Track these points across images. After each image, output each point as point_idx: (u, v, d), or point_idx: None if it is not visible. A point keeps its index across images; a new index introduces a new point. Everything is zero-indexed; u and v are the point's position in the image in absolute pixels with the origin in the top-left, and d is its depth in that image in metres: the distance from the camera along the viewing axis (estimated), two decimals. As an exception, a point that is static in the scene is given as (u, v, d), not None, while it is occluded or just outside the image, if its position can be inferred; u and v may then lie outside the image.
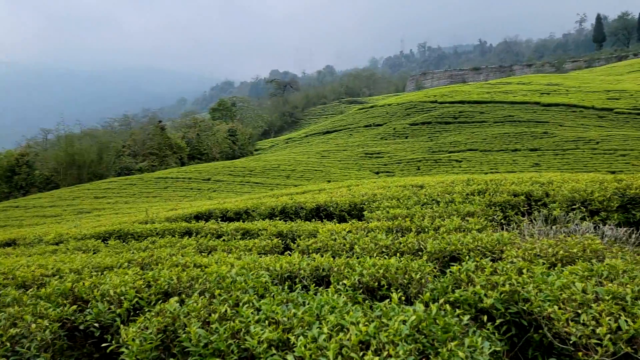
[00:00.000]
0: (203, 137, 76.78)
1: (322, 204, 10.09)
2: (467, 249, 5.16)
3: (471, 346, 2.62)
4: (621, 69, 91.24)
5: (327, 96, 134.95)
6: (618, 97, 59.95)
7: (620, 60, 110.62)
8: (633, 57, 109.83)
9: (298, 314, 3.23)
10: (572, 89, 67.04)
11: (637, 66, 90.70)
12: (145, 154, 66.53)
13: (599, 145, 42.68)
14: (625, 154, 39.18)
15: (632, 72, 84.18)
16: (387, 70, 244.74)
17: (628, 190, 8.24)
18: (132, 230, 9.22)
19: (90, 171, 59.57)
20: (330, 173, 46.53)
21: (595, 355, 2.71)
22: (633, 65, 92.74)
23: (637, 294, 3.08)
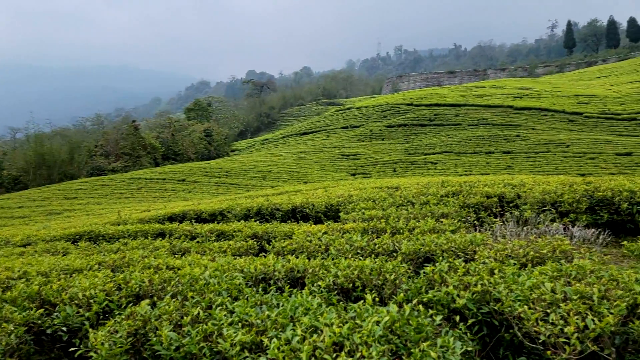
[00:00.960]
0: (178, 138, 75.78)
1: (298, 205, 10.06)
2: (440, 250, 5.22)
3: (443, 346, 2.65)
4: (590, 74, 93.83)
5: (304, 97, 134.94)
6: (587, 102, 61.61)
7: (590, 65, 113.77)
8: (602, 62, 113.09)
9: (272, 315, 3.21)
10: (543, 93, 68.61)
11: (605, 72, 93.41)
12: (118, 154, 65.30)
13: (569, 149, 43.77)
14: (595, 157, 40.27)
15: (601, 78, 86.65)
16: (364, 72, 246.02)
17: (596, 192, 8.46)
18: (103, 232, 9.03)
19: (60, 171, 58.14)
20: (307, 174, 46.50)
21: (563, 354, 2.77)
22: (602, 71, 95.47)
23: (604, 294, 3.16)
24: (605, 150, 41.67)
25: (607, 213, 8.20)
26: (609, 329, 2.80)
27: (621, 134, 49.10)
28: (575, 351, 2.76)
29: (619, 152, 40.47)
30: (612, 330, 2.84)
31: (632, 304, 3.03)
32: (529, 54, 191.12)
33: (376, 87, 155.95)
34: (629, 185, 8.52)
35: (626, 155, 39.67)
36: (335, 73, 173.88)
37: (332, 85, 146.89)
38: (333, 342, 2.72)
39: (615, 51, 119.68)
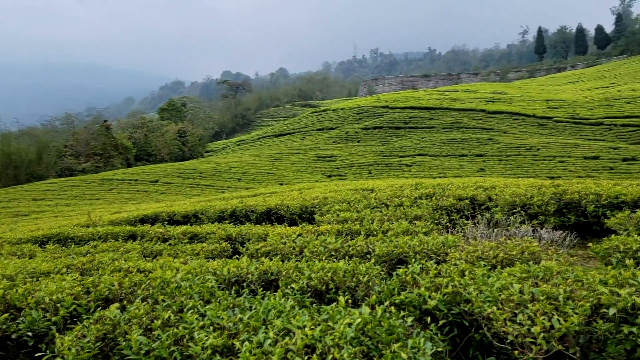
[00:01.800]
0: (151, 138, 74.59)
1: (273, 207, 10.03)
2: (413, 252, 5.28)
3: (414, 347, 2.68)
4: (560, 80, 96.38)
5: (280, 99, 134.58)
6: (557, 107, 63.27)
7: (559, 71, 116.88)
8: (570, 68, 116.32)
9: (244, 318, 3.19)
10: (515, 98, 70.12)
11: (574, 77, 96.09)
12: (89, 154, 63.88)
13: (539, 152, 44.83)
14: (564, 160, 41.35)
15: (570, 83, 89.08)
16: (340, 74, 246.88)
17: (564, 195, 8.69)
18: (72, 234, 8.82)
19: (28, 172, 56.52)
20: (283, 176, 46.38)
21: (530, 353, 2.83)
22: (571, 77, 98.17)
23: (569, 294, 3.24)
24: (573, 154, 42.83)
25: (574, 215, 8.43)
26: (574, 328, 2.88)
27: (589, 138, 50.55)
28: (541, 350, 2.83)
29: (586, 156, 41.65)
30: (577, 329, 2.92)
31: (596, 304, 3.12)
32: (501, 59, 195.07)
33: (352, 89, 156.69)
34: (595, 189, 8.78)
35: (593, 159, 40.86)
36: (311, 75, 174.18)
37: (308, 87, 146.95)
38: (305, 344, 2.72)
39: (583, 58, 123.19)
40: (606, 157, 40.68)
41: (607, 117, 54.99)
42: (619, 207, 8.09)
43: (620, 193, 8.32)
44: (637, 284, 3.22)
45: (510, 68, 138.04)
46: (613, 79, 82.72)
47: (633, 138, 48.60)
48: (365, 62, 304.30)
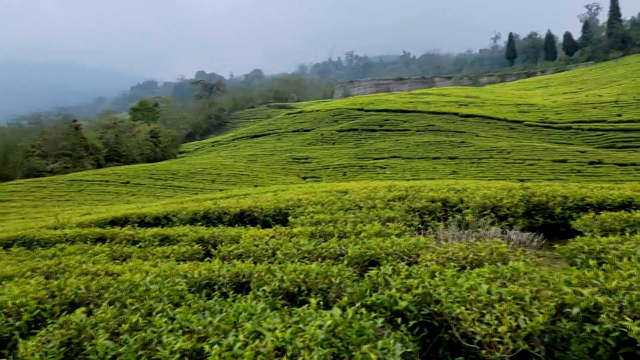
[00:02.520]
0: (122, 138, 73.17)
1: (247, 209, 9.97)
2: (385, 253, 5.32)
3: (384, 348, 2.69)
4: (530, 85, 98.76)
5: (255, 100, 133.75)
6: (527, 111, 64.76)
7: (529, 76, 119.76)
8: (540, 73, 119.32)
9: (214, 322, 3.15)
10: (487, 102, 71.50)
11: (544, 82, 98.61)
12: (58, 154, 62.27)
13: (510, 155, 45.81)
14: (533, 163, 42.38)
15: (540, 88, 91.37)
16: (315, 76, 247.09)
17: (532, 197, 8.90)
18: (38, 237, 8.58)
19: (-6, 172, 54.79)
20: (258, 178, 46.16)
21: (497, 352, 2.89)
22: (540, 81, 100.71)
23: (535, 294, 3.32)
24: (543, 157, 43.92)
25: (542, 217, 8.64)
26: (539, 327, 2.94)
27: (557, 141, 51.93)
28: (508, 350, 2.88)
29: (555, 159, 42.76)
30: (542, 329, 2.99)
31: (561, 303, 3.20)
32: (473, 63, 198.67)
33: (328, 91, 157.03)
34: (562, 191, 9.02)
35: (562, 162, 41.98)
36: (287, 76, 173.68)
37: (284, 89, 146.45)
38: (275, 347, 2.71)
39: (552, 63, 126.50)
40: (574, 161, 41.85)
41: (575, 121, 56.60)
42: (585, 209, 8.33)
43: (586, 196, 8.57)
44: (599, 284, 3.32)
45: (482, 72, 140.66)
46: (580, 85, 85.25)
47: (599, 142, 50.17)
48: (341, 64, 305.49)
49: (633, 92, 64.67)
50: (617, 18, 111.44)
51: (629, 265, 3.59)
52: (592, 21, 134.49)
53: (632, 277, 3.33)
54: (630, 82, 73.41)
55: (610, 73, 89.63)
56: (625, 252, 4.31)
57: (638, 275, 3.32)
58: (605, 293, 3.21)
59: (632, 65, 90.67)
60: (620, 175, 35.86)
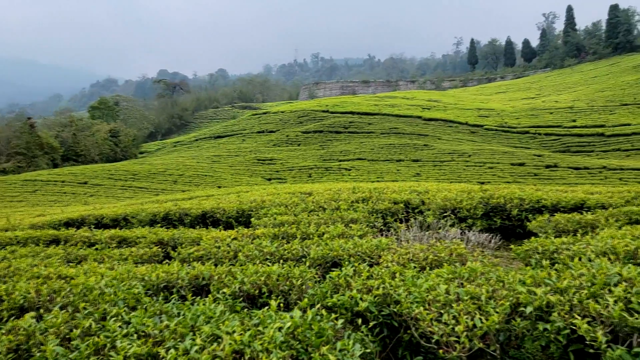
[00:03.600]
0: (80, 138, 70.83)
1: (209, 210, 9.82)
2: (348, 255, 5.33)
3: (343, 349, 2.69)
4: (490, 90, 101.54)
5: (219, 100, 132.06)
6: (487, 115, 66.58)
7: (490, 81, 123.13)
8: (500, 79, 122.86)
9: (171, 325, 3.08)
10: (449, 106, 73.07)
11: (503, 88, 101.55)
12: (11, 153, 59.73)
13: (471, 158, 46.94)
14: (493, 166, 43.55)
15: (499, 93, 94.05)
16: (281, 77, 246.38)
17: (491, 199, 9.14)
18: (-13, 239, 8.18)
19: (-59, 171, 52.04)
20: (221, 179, 45.59)
21: (454, 351, 2.93)
22: (500, 87, 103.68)
23: (491, 294, 3.40)
24: (502, 160, 45.20)
25: (500, 218, 8.88)
26: (495, 326, 3.01)
27: (516, 145, 53.58)
28: (464, 349, 2.93)
29: (513, 163, 44.09)
30: (497, 328, 3.06)
31: (515, 303, 3.28)
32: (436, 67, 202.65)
33: (293, 92, 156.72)
34: (519, 194, 9.30)
35: (520, 165, 43.32)
36: (252, 77, 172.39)
37: (249, 89, 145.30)
38: (233, 350, 2.67)
39: (511, 69, 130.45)
40: (531, 164, 43.26)
41: (532, 126, 58.55)
42: (540, 211, 8.62)
43: (541, 198, 8.86)
44: (552, 283, 3.42)
45: (444, 77, 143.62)
46: (538, 91, 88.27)
47: (555, 146, 52.09)
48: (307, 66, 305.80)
49: (587, 98, 67.52)
50: (572, 27, 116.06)
51: (580, 265, 3.72)
52: (549, 29, 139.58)
53: (582, 276, 3.45)
54: (584, 89, 76.61)
55: (566, 80, 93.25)
56: (576, 253, 4.47)
57: (588, 274, 3.44)
58: (557, 292, 3.31)
59: (586, 72, 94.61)
60: (574, 178, 37.32)
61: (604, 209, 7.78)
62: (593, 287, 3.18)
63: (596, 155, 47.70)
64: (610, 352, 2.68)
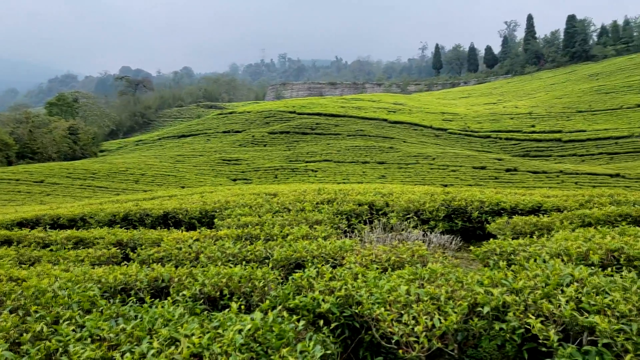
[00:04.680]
0: (37, 134, 68.24)
1: (171, 210, 9.63)
2: (311, 256, 5.33)
3: (303, 351, 2.68)
4: (454, 94, 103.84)
5: (184, 99, 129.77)
6: (451, 119, 68.04)
7: (454, 86, 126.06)
8: (463, 84, 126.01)
9: (127, 328, 3.00)
10: (414, 109, 74.26)
11: (466, 93, 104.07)
12: (-38, 149, 56.97)
13: (435, 161, 47.83)
14: (456, 169, 44.53)
15: (463, 98, 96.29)
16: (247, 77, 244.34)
17: (453, 202, 9.32)
18: None
19: None
20: (185, 179, 44.85)
21: (413, 351, 2.97)
22: (463, 92, 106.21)
23: (450, 294, 3.46)
24: (464, 163, 46.26)
25: (461, 220, 9.07)
26: (453, 326, 3.07)
27: (478, 149, 54.95)
28: (424, 348, 2.97)
29: (475, 166, 45.20)
30: (456, 327, 3.12)
31: (473, 303, 3.35)
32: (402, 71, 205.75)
33: (260, 93, 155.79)
34: (479, 196, 9.52)
35: (481, 168, 44.45)
36: (218, 76, 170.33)
37: (214, 88, 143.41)
38: (191, 353, 2.62)
39: (474, 75, 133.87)
40: (492, 168, 44.44)
41: (493, 130, 60.19)
42: (499, 213, 8.86)
43: (500, 201, 9.11)
44: (508, 284, 3.52)
45: (410, 81, 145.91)
46: (499, 96, 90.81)
47: (515, 151, 53.71)
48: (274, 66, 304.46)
49: (545, 105, 69.94)
50: (532, 36, 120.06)
51: (535, 266, 3.84)
52: (510, 37, 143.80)
53: (537, 277, 3.56)
54: (542, 96, 79.33)
55: (526, 86, 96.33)
56: (532, 254, 4.60)
57: (542, 275, 3.55)
58: (513, 293, 3.41)
59: (545, 80, 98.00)
60: (533, 182, 38.58)
61: (560, 212, 8.07)
62: (547, 288, 3.28)
63: (554, 159, 49.48)
64: (562, 350, 2.77)
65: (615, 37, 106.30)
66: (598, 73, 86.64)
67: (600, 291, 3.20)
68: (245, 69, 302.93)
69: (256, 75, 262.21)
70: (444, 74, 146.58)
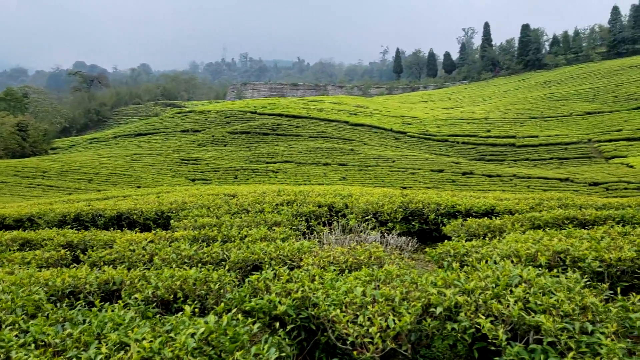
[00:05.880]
0: (-17, 130, 64.99)
1: (125, 211, 9.36)
2: (269, 258, 5.30)
3: (257, 354, 2.66)
4: (414, 98, 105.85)
5: (141, 96, 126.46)
6: (411, 123, 69.32)
7: (414, 90, 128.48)
8: (423, 88, 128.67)
9: (74, 333, 2.89)
10: (375, 112, 75.22)
11: (425, 97, 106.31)
12: None
13: (394, 164, 48.58)
14: (415, 172, 45.37)
15: (422, 102, 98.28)
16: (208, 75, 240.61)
17: (410, 204, 9.49)
18: None
19: None
20: (141, 178, 43.72)
21: (367, 352, 3.00)
22: (423, 96, 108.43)
23: (405, 295, 3.51)
24: (423, 166, 47.19)
25: (418, 222, 9.24)
26: (407, 327, 3.11)
27: (436, 153, 56.21)
28: (378, 349, 3.01)
29: (433, 169, 46.20)
30: (409, 328, 3.17)
31: (427, 303, 3.42)
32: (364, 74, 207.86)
33: (220, 92, 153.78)
34: (436, 199, 9.73)
35: (439, 171, 45.47)
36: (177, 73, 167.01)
37: (173, 86, 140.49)
38: (142, 358, 2.55)
39: (433, 80, 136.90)
40: (449, 171, 45.55)
41: (451, 134, 61.73)
42: (455, 215, 9.08)
43: (456, 203, 9.34)
44: (460, 285, 3.60)
45: (371, 84, 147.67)
46: (457, 101, 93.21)
47: (471, 154, 55.24)
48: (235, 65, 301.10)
49: (500, 110, 72.30)
50: (488, 43, 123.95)
51: (486, 267, 3.95)
52: (468, 44, 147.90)
53: (487, 278, 3.67)
54: (498, 102, 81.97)
55: (482, 92, 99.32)
56: (484, 255, 4.74)
57: (492, 276, 3.66)
58: (465, 293, 3.49)
59: (500, 86, 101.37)
60: (488, 185, 39.79)
61: (511, 215, 8.35)
62: (496, 288, 3.39)
63: (507, 164, 51.19)
64: (509, 349, 2.86)
65: (566, 46, 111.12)
66: (550, 81, 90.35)
67: (546, 291, 3.33)
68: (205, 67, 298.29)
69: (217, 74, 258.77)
70: (404, 78, 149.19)
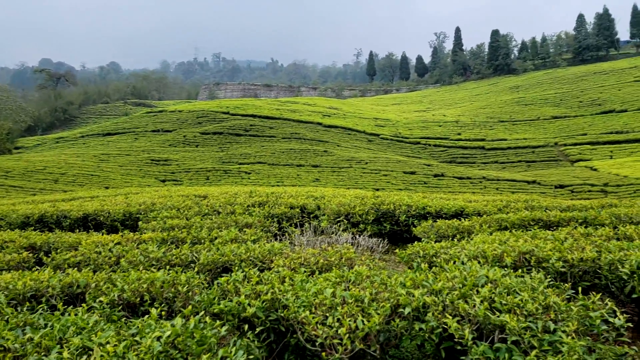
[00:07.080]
0: (-58, 128, 62.41)
1: (92, 212, 9.14)
2: (239, 260, 5.25)
3: (225, 357, 2.63)
4: (387, 101, 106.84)
5: (110, 95, 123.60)
6: (383, 125, 69.91)
7: (387, 93, 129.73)
8: (396, 91, 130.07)
9: (35, 338, 2.80)
10: (348, 114, 75.55)
11: (398, 100, 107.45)
12: None
13: (367, 166, 48.88)
14: (387, 174, 45.75)
15: (395, 105, 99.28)
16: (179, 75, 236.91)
17: (382, 205, 9.57)
18: None
19: None
20: (110, 179, 42.77)
21: (336, 353, 3.00)
22: (395, 99, 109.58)
23: (374, 296, 3.53)
24: (395, 168, 47.65)
25: (389, 224, 9.33)
26: (376, 328, 3.13)
27: (408, 155, 56.84)
28: (347, 350, 3.01)
29: (406, 171, 46.70)
30: (378, 329, 3.19)
31: (396, 304, 3.45)
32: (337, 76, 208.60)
33: (192, 92, 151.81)
34: (407, 200, 9.84)
35: (411, 173, 45.99)
36: (147, 72, 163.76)
37: (144, 85, 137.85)
38: (105, 363, 2.49)
39: (406, 83, 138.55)
40: (421, 173, 46.12)
41: (423, 137, 62.55)
42: (425, 217, 9.20)
43: (426, 205, 9.46)
44: (428, 285, 3.65)
45: (345, 86, 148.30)
46: (429, 104, 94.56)
47: (443, 157, 56.09)
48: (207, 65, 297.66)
49: (470, 114, 73.72)
50: (459, 48, 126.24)
51: (454, 268, 4.02)
52: (440, 48, 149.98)
53: (455, 278, 3.73)
54: (468, 105, 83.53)
55: (453, 96, 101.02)
56: (452, 256, 4.82)
57: (460, 277, 3.72)
58: (433, 293, 3.54)
59: (470, 90, 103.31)
60: (459, 187, 40.47)
61: (480, 216, 8.51)
62: (463, 289, 3.44)
63: (477, 166, 52.19)
64: (475, 348, 2.91)
65: (534, 52, 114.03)
66: (519, 86, 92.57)
67: (511, 291, 3.40)
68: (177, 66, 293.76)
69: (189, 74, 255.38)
70: (377, 80, 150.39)
